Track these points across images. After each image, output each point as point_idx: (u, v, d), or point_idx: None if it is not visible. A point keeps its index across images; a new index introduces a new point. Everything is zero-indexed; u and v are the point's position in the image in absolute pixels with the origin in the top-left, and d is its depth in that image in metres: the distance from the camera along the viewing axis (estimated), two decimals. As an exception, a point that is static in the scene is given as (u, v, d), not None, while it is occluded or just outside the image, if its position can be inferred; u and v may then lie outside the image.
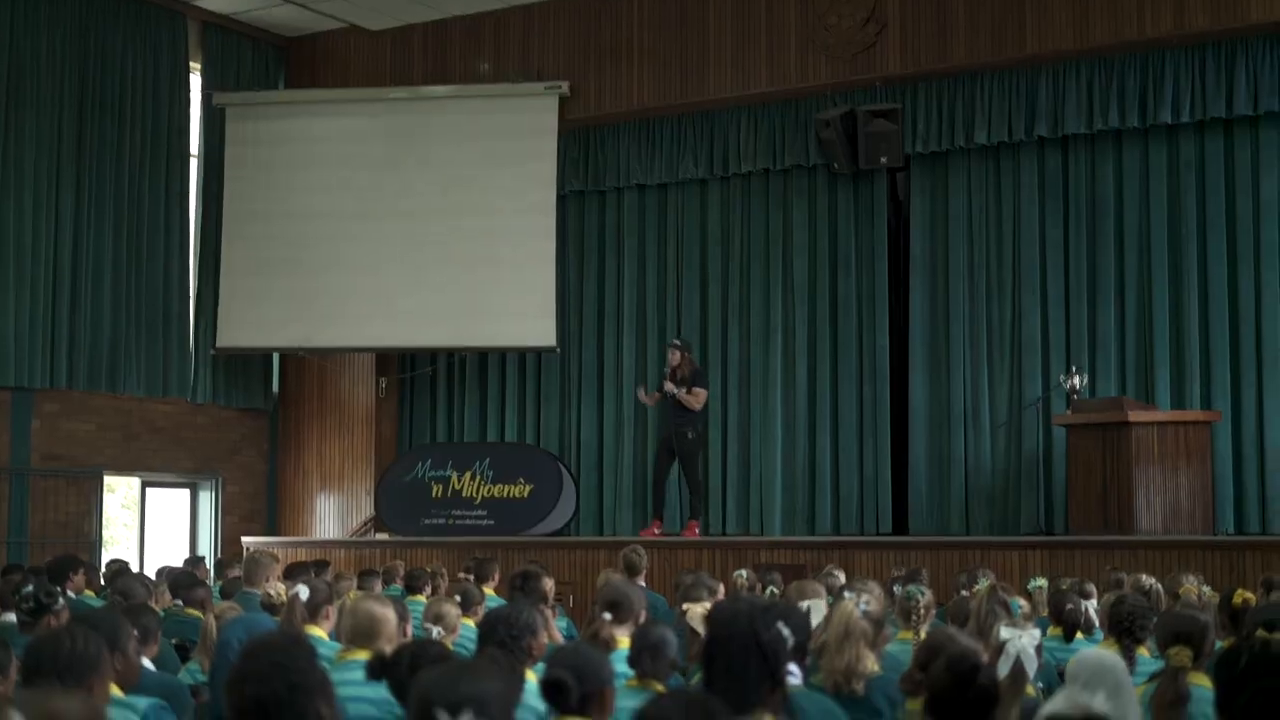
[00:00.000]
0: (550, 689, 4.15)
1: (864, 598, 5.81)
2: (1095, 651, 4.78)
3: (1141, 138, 14.75)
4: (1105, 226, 14.88)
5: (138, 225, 16.45)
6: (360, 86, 17.62)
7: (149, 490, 17.18)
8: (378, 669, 4.42)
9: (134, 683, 5.16)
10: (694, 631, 6.07)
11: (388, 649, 5.20)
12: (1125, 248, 14.80)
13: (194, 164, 17.47)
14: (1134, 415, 12.82)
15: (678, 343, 15.18)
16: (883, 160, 15.32)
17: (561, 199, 16.89)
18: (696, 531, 15.01)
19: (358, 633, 5.68)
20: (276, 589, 7.44)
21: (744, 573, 10.15)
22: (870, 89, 15.55)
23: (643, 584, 10.07)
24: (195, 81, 17.52)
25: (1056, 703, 2.39)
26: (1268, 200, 14.18)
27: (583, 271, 17.36)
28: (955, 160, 15.57)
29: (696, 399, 14.82)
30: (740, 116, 16.30)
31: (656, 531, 14.82)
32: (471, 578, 10.43)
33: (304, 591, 6.75)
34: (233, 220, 17.23)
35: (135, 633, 5.46)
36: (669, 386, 14.81)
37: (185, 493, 17.66)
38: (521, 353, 17.35)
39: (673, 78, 16.44)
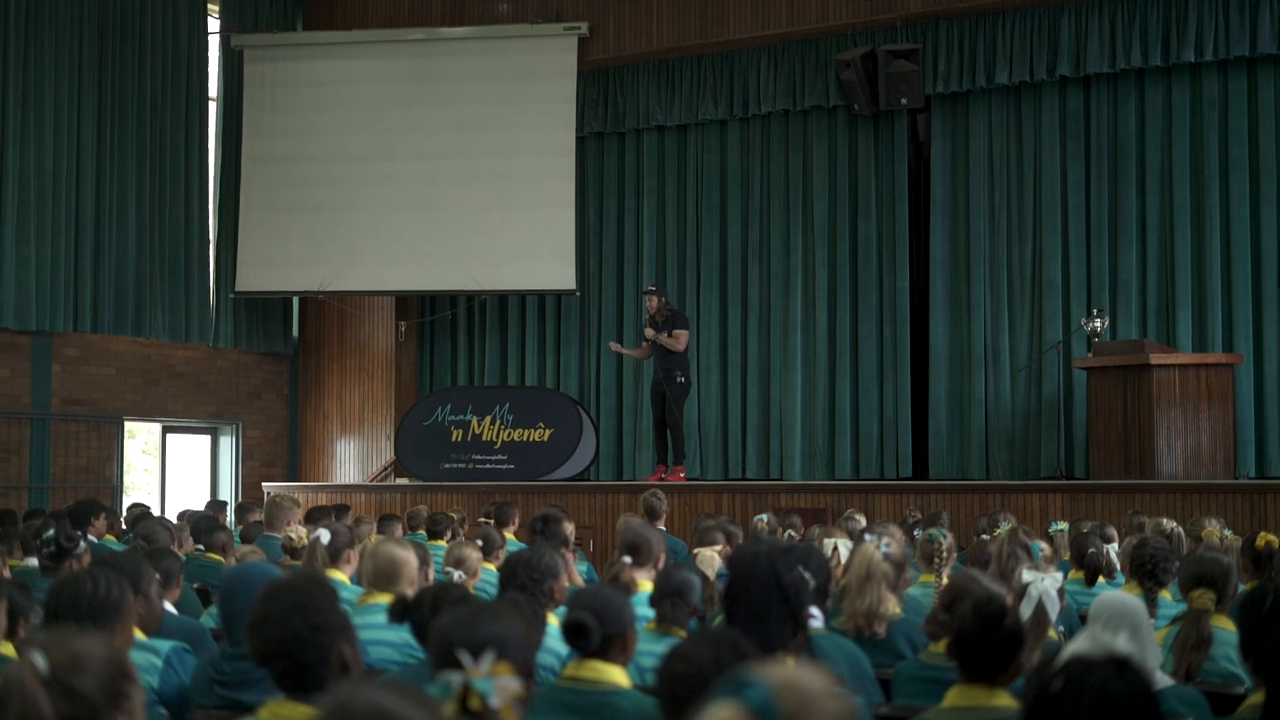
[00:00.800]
0: (572, 631, 4.14)
1: (885, 540, 5.80)
2: (1116, 594, 4.76)
3: (1164, 77, 14.64)
4: (1127, 167, 14.80)
5: (157, 169, 16.42)
6: (378, 28, 17.55)
7: (169, 435, 17.22)
8: (400, 612, 4.41)
9: (156, 626, 5.17)
10: (704, 577, 6.05)
11: (409, 592, 5.21)
12: (1147, 188, 14.72)
13: (212, 106, 17.42)
14: (1155, 358, 12.76)
15: (653, 288, 15.07)
16: (903, 101, 15.23)
17: (581, 140, 16.84)
18: (682, 476, 14.91)
19: (379, 576, 5.69)
20: (297, 532, 7.46)
21: (765, 517, 10.15)
22: (891, 29, 15.46)
23: (663, 528, 10.08)
24: (213, 24, 17.45)
25: (1079, 643, 2.37)
26: (1292, 140, 14.10)
27: (602, 214, 17.31)
28: (976, 101, 15.47)
29: (679, 340, 14.71)
30: (760, 57, 16.21)
31: (663, 476, 14.80)
32: (492, 522, 10.43)
33: (325, 535, 6.75)
34: (251, 163, 17.20)
35: (157, 576, 5.47)
36: (650, 333, 14.71)
37: (206, 438, 17.71)
38: (541, 296, 17.34)
39: (692, 18, 16.34)
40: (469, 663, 3.05)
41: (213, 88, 17.43)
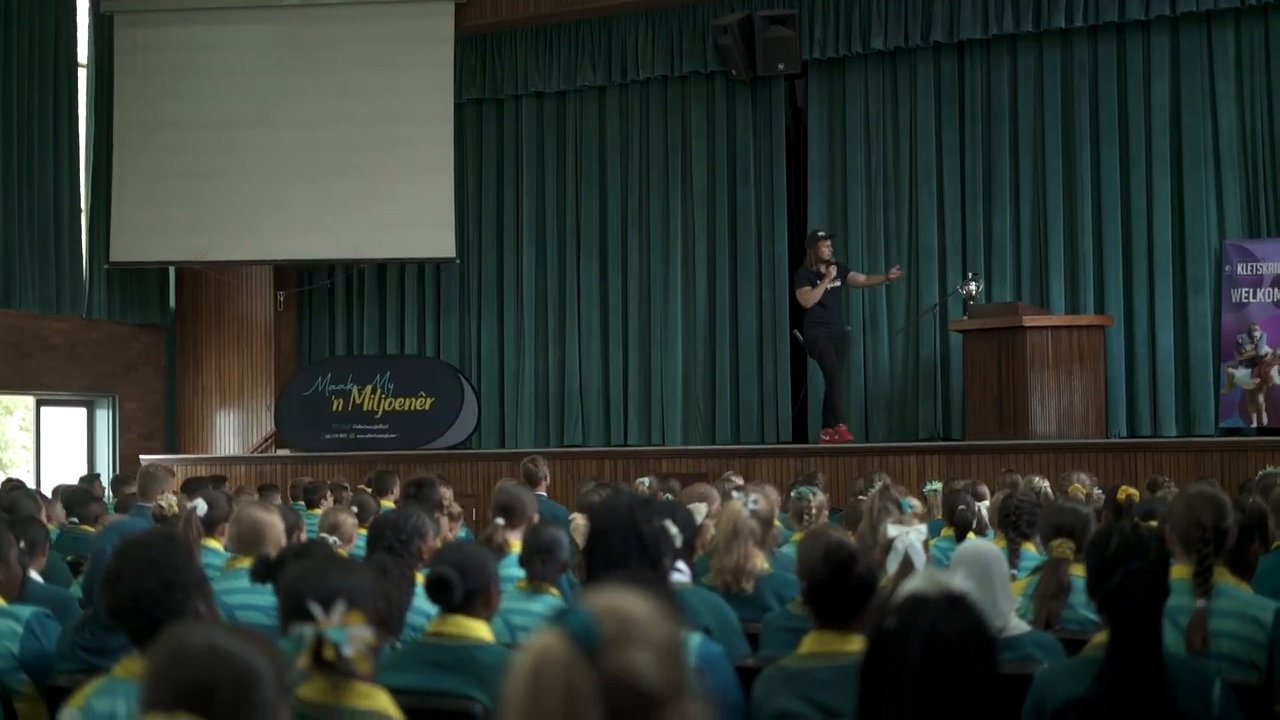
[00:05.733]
0: (434, 586, 4.14)
1: (752, 496, 5.84)
2: (975, 542, 4.85)
3: (1036, 42, 14.83)
4: (1000, 132, 14.98)
5: (27, 139, 16.03)
6: (253, -7, 17.27)
7: (44, 409, 16.92)
8: (262, 572, 4.38)
9: (17, 592, 5.11)
10: (574, 543, 6.07)
11: (273, 554, 5.17)
12: (1020, 153, 14.91)
13: (83, 73, 17.09)
14: (1029, 320, 12.96)
15: (830, 234, 14.54)
16: (780, 67, 15.29)
17: (459, 107, 16.72)
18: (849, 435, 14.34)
19: (242, 540, 5.65)
20: (168, 500, 7.37)
21: (646, 480, 10.17)
22: (768, -6, 15.52)
23: (544, 494, 10.09)
24: (82, -11, 17.13)
25: (917, 581, 2.41)
26: (1159, 105, 14.33)
27: (481, 181, 17.22)
28: (852, 66, 15.58)
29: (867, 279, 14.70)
30: (638, 23, 16.19)
31: (831, 437, 14.14)
32: (370, 491, 10.37)
33: (202, 506, 6.68)
34: (124, 131, 16.88)
35: (21, 544, 5.40)
36: (863, 277, 14.56)
37: (82, 411, 17.42)
38: (420, 264, 17.23)
39: (570, -17, 16.32)
40: (320, 614, 3.05)
41: (83, 54, 17.09)
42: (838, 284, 14.07)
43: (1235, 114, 14.15)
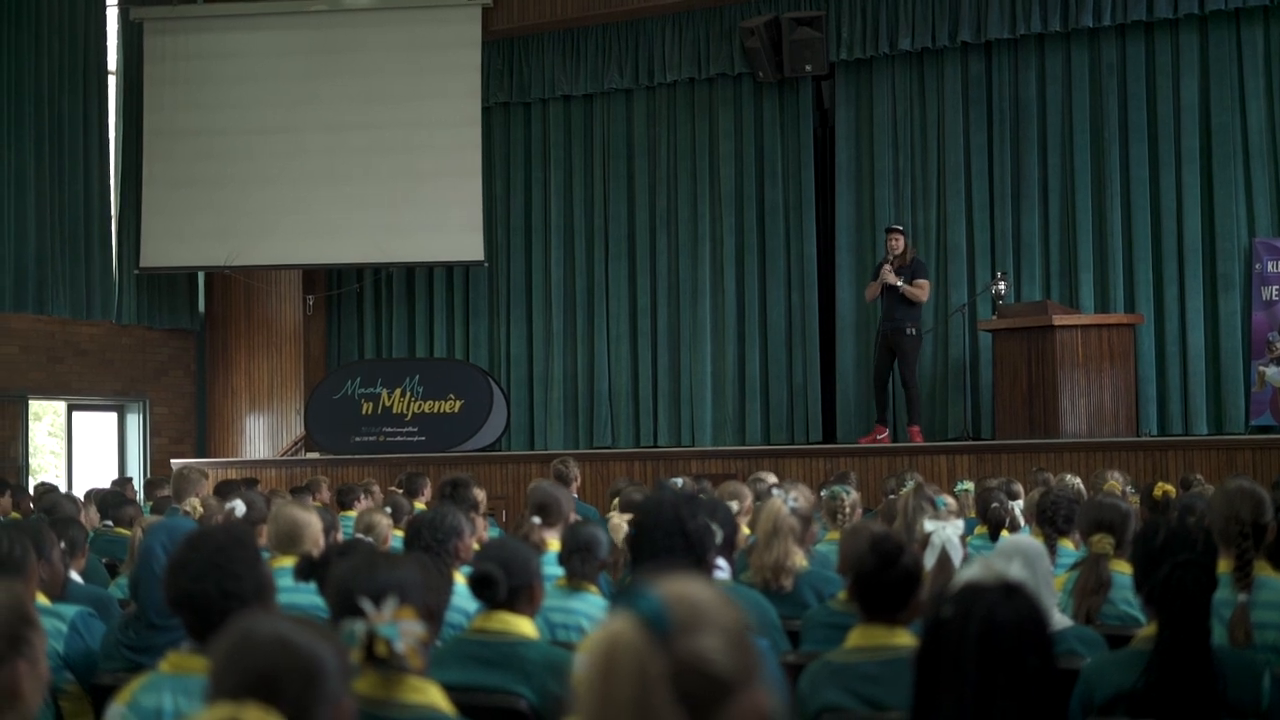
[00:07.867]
0: (478, 582, 4.15)
1: (792, 494, 5.85)
2: (1019, 535, 4.85)
3: (1063, 42, 14.79)
4: (1028, 131, 14.95)
5: (58, 146, 16.12)
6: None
7: (75, 414, 17.00)
8: (305, 570, 4.39)
9: (60, 591, 5.13)
10: (613, 543, 6.06)
11: (315, 553, 5.19)
12: (1048, 152, 14.88)
13: (112, 81, 17.16)
14: (1058, 319, 12.92)
15: (899, 227, 14.14)
16: (807, 68, 15.29)
17: (486, 111, 16.76)
18: (920, 437, 14.08)
19: (281, 539, 5.66)
20: (192, 504, 7.39)
21: (679, 481, 10.17)
22: (794, -5, 15.53)
23: (575, 495, 10.09)
24: (111, -3, 17.22)
25: (973, 570, 2.41)
26: (1188, 103, 14.28)
27: (509, 184, 17.25)
28: (879, 67, 15.56)
29: (922, 291, 13.88)
30: (665, 25, 16.21)
31: (881, 437, 14.14)
32: (401, 492, 10.39)
33: (240, 507, 6.70)
34: (154, 138, 16.96)
35: (61, 544, 5.42)
36: (890, 276, 13.75)
37: (113, 415, 17.50)
38: (449, 267, 17.26)
39: (596, -13, 16.34)
40: (371, 610, 3.06)
41: (112, 62, 17.16)
42: (895, 281, 13.79)
43: (1265, 112, 14.09)
